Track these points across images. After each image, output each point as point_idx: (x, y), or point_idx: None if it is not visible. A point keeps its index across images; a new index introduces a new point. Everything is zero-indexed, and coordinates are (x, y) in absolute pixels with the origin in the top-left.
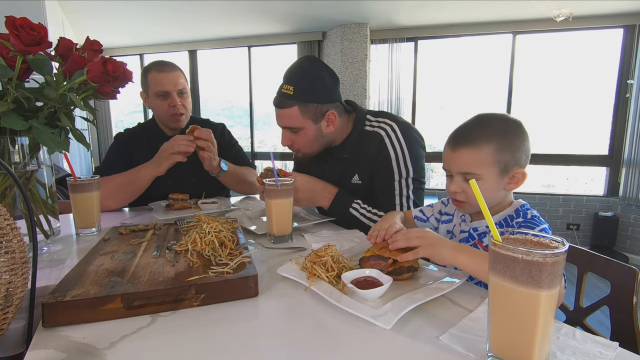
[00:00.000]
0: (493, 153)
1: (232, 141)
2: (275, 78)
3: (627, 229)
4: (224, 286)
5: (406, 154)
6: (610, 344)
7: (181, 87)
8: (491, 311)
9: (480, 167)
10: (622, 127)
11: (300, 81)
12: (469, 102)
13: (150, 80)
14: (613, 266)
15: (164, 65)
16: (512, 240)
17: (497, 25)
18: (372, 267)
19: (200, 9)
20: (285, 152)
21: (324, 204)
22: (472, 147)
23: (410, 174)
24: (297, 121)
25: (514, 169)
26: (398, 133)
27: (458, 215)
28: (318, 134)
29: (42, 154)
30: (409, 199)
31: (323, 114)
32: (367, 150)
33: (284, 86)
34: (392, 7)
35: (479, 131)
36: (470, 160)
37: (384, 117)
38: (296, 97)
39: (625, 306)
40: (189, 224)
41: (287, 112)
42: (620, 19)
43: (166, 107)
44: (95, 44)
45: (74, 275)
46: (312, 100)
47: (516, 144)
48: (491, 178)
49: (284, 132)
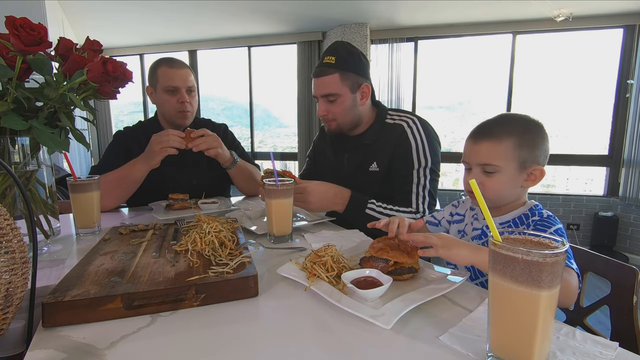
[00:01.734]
0: (513, 148)
1: (234, 142)
2: (275, 78)
3: (627, 229)
4: (224, 286)
5: (426, 146)
6: (610, 344)
7: (190, 84)
8: (491, 311)
9: (500, 159)
10: (622, 127)
11: (341, 53)
12: (469, 102)
13: (160, 74)
14: (613, 266)
15: (174, 61)
16: (512, 240)
17: (497, 25)
18: (373, 267)
19: (200, 9)
20: (286, 152)
21: (339, 209)
22: (493, 139)
23: (428, 165)
24: (336, 87)
25: (532, 166)
26: (419, 126)
27: (470, 215)
28: (353, 105)
29: (42, 154)
30: (425, 188)
31: (359, 85)
32: (388, 139)
33: (325, 57)
34: (392, 7)
35: (500, 126)
36: (491, 152)
37: (405, 112)
38: (337, 65)
39: (626, 306)
40: (189, 224)
41: (328, 79)
42: (620, 19)
43: (174, 102)
44: (95, 44)
45: (74, 275)
46: (352, 70)
47: (536, 142)
48: (509, 172)
49: (321, 102)
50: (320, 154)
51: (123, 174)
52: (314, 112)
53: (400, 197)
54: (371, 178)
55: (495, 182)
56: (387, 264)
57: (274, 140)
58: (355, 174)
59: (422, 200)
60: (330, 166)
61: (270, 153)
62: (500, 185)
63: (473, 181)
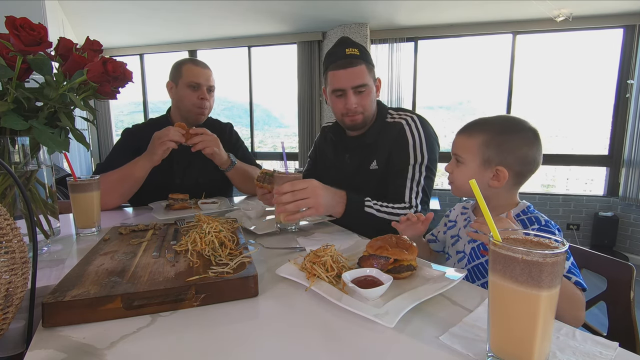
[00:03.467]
0: (479, 144)
1: (238, 142)
2: (275, 78)
3: (627, 229)
4: (224, 286)
5: (423, 142)
6: (610, 344)
7: (211, 84)
8: (491, 311)
9: (465, 152)
10: (622, 127)
11: (360, 45)
12: (469, 102)
13: (184, 70)
14: (608, 262)
15: (199, 61)
16: (512, 240)
17: (497, 25)
18: (372, 265)
19: (200, 9)
20: (288, 153)
21: (339, 209)
22: (467, 134)
23: (424, 161)
24: (366, 78)
25: (497, 166)
26: (418, 123)
27: (462, 219)
28: (374, 97)
29: (42, 154)
30: (420, 184)
31: (375, 78)
32: (387, 137)
33: (346, 49)
34: (392, 7)
35: (480, 124)
36: (462, 144)
37: (405, 110)
38: (362, 56)
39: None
40: (189, 224)
41: (358, 69)
42: (620, 19)
43: (195, 98)
44: (95, 44)
45: (74, 275)
46: (372, 63)
47: (508, 145)
48: (472, 166)
49: (350, 94)
50: (322, 154)
51: (125, 172)
52: (314, 112)
53: (393, 191)
54: (371, 177)
55: (459, 171)
56: (387, 262)
57: (274, 140)
58: (357, 174)
59: (415, 195)
60: (332, 166)
61: (281, 142)
62: (462, 176)
63: (473, 181)
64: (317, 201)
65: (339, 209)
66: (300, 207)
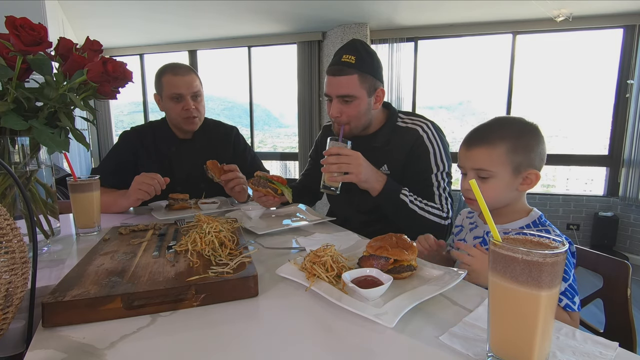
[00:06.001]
0: (506, 152)
1: (246, 146)
2: (275, 78)
3: (627, 229)
4: (224, 286)
5: (442, 150)
6: (610, 344)
7: (195, 90)
8: (491, 311)
9: (494, 165)
10: (622, 127)
11: (361, 52)
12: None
13: (164, 82)
14: (604, 260)
15: (178, 68)
16: (512, 240)
17: (497, 25)
18: (372, 265)
19: (200, 9)
20: (287, 153)
21: (377, 187)
22: (487, 145)
23: (445, 169)
24: (354, 89)
25: (527, 169)
26: (433, 131)
27: (467, 223)
28: (367, 109)
29: (42, 154)
30: (445, 190)
31: (375, 89)
32: (401, 143)
33: (343, 55)
34: (392, 7)
35: (494, 131)
36: (485, 157)
37: (417, 116)
38: (357, 65)
39: (619, 298)
40: (189, 224)
41: (346, 79)
42: (620, 19)
43: (179, 109)
44: (95, 44)
45: (74, 275)
46: (370, 72)
47: (530, 145)
48: (504, 177)
49: (335, 102)
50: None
51: (109, 201)
52: (314, 112)
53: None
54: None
55: (490, 187)
56: (387, 262)
57: (274, 140)
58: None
59: (445, 200)
60: None
61: (341, 127)
62: (495, 191)
63: (473, 181)
64: (358, 170)
65: (377, 186)
66: (342, 170)
